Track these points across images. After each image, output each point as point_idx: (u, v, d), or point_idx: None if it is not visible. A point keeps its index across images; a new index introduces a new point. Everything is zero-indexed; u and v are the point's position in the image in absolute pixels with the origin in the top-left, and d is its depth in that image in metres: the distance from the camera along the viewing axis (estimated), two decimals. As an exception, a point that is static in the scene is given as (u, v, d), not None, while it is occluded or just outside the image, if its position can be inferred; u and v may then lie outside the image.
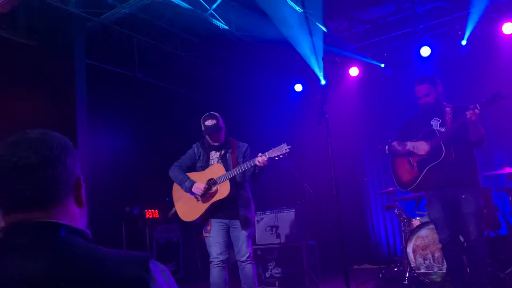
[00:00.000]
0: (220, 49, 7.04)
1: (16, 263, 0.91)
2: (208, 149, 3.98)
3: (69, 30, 5.37)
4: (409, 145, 3.69)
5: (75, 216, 1.06)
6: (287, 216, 5.87)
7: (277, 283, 5.69)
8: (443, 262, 4.60)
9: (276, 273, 5.72)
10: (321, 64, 6.86)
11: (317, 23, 6.28)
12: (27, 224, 0.98)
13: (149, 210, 6.67)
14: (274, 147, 3.63)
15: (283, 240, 5.80)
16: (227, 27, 6.16)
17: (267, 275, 5.74)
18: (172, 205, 4.12)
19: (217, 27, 6.07)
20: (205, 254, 3.92)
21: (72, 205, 1.05)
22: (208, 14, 5.79)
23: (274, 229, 5.86)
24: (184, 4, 5.41)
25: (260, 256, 5.78)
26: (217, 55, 7.23)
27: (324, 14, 6.13)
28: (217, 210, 3.82)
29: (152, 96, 7.27)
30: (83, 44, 5.48)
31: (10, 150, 1.00)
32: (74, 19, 5.34)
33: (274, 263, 5.75)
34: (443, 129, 3.62)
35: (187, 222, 3.97)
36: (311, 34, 6.41)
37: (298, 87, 7.98)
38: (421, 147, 3.61)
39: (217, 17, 5.96)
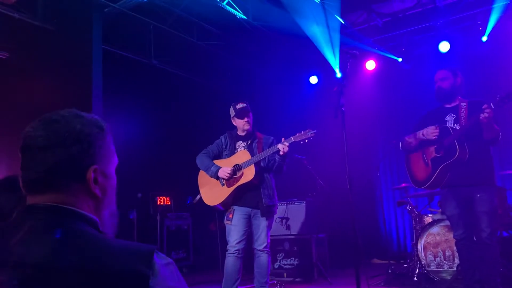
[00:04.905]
0: (236, 39, 7.01)
1: (22, 247, 0.92)
2: (235, 139, 4.05)
3: (87, 15, 5.38)
4: (419, 134, 3.68)
5: (89, 206, 1.04)
6: (298, 208, 5.86)
7: (285, 274, 5.70)
8: (454, 260, 4.56)
9: (284, 264, 5.73)
10: (337, 57, 6.78)
11: (335, 15, 6.21)
12: (36, 207, 0.99)
13: (161, 197, 6.71)
14: (294, 134, 3.70)
15: (293, 232, 5.80)
16: (244, 17, 6.12)
17: (276, 266, 5.75)
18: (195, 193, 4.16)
19: (234, 16, 6.04)
20: (213, 243, 3.94)
21: (83, 195, 1.03)
22: (226, 3, 5.76)
23: (284, 221, 5.86)
24: (202, -8, 5.40)
25: (270, 247, 5.79)
26: (233, 44, 7.20)
27: (342, 6, 6.06)
28: (241, 196, 3.86)
29: (167, 83, 7.28)
30: (100, 30, 5.49)
31: (34, 128, 1.03)
32: (92, 4, 5.35)
33: (283, 254, 5.76)
34: (457, 126, 3.57)
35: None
36: (328, 26, 6.34)
37: (314, 79, 7.91)
38: (430, 131, 3.58)
39: (234, 6, 5.93)
